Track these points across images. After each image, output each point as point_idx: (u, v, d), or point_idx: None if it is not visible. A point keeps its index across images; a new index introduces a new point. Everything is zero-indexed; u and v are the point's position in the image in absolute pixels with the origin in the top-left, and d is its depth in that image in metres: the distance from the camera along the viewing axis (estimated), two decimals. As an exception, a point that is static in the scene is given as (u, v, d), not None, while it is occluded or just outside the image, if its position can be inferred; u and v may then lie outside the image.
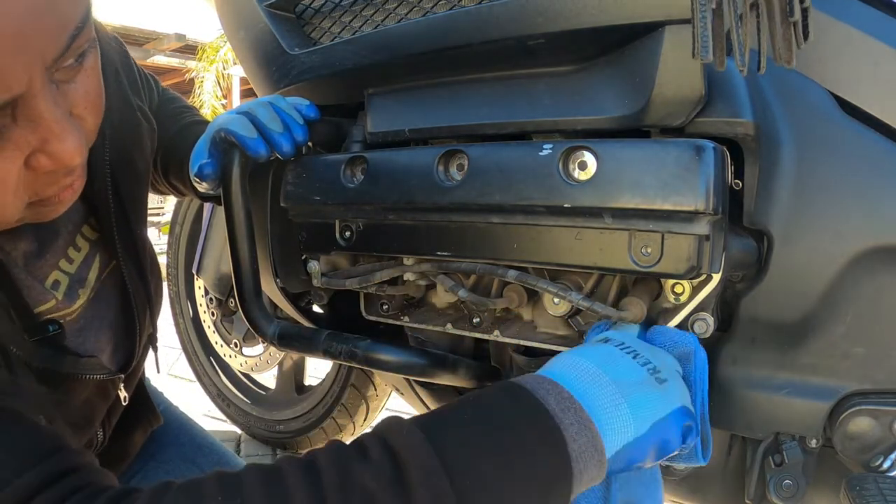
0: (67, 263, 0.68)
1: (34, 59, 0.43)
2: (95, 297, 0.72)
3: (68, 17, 0.44)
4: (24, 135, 0.45)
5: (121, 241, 0.73)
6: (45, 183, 0.51)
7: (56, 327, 0.64)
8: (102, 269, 0.73)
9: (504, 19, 0.62)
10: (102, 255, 0.73)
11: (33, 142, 0.46)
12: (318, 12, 0.84)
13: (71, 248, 0.69)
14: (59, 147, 0.47)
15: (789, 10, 0.44)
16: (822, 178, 0.62)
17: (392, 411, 1.94)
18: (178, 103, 0.95)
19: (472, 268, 0.67)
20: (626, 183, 0.56)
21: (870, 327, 0.62)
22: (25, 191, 0.49)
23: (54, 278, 0.66)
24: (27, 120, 0.45)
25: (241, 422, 1.79)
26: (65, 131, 0.47)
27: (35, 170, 0.48)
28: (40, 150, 0.47)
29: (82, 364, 0.68)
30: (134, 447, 0.89)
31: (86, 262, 0.71)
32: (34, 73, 0.43)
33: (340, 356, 0.74)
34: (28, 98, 0.44)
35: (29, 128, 0.45)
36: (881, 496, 0.56)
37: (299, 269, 0.87)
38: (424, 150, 0.71)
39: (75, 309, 0.69)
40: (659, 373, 0.54)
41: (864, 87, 0.62)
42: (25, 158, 0.47)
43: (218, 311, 1.73)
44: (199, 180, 0.73)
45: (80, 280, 0.69)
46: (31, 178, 0.49)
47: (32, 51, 0.42)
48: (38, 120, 0.45)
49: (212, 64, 11.17)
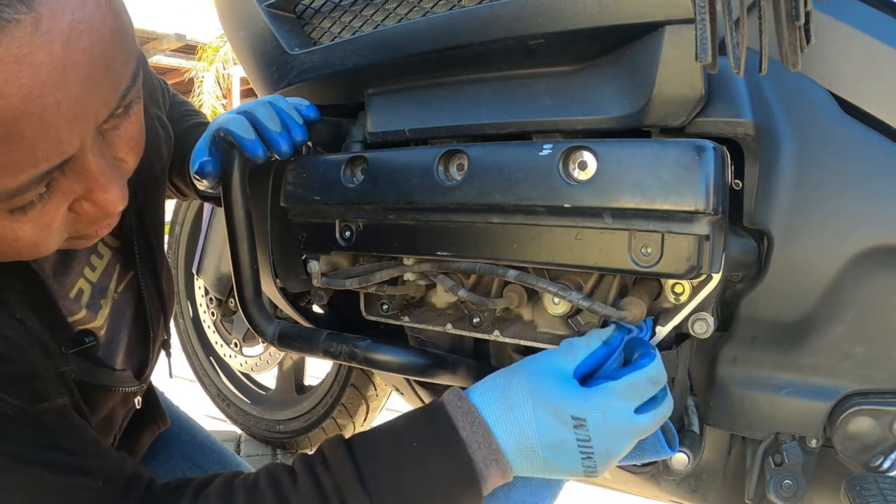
0: (91, 271, 0.68)
1: (89, 124, 0.43)
2: (114, 310, 0.72)
3: (121, 77, 0.45)
4: (71, 185, 0.46)
5: (140, 250, 0.73)
6: (85, 224, 0.52)
7: (92, 338, 0.64)
8: (121, 280, 0.73)
9: (504, 19, 0.62)
10: (122, 264, 0.73)
11: (79, 190, 0.47)
12: (318, 12, 0.84)
13: (94, 255, 0.69)
14: (103, 197, 0.48)
15: (794, 13, 0.44)
16: (822, 178, 0.62)
17: (392, 411, 1.95)
18: (185, 107, 0.96)
19: (472, 268, 0.67)
20: (626, 183, 0.56)
21: (870, 327, 0.62)
22: (66, 230, 0.50)
23: (79, 287, 0.66)
24: (75, 172, 0.46)
25: (241, 422, 1.79)
26: (109, 181, 0.47)
27: (79, 214, 0.49)
28: (85, 197, 0.48)
29: (117, 377, 0.68)
30: (141, 449, 0.89)
31: (107, 271, 0.71)
32: (87, 135, 0.44)
33: (340, 356, 0.74)
34: (79, 155, 0.45)
35: (77, 179, 0.46)
36: (881, 496, 0.56)
37: (299, 269, 0.87)
38: (424, 150, 0.71)
39: (101, 322, 0.69)
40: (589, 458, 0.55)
41: (864, 87, 0.62)
42: (70, 204, 0.48)
43: (218, 311, 1.73)
44: (200, 178, 0.73)
45: (102, 290, 0.70)
46: (73, 219, 0.50)
47: (88, 117, 0.43)
48: (85, 173, 0.46)
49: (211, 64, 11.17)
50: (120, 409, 0.74)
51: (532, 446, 0.54)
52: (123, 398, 0.73)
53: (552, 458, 0.54)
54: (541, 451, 0.54)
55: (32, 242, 0.47)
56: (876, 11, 0.62)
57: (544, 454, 0.54)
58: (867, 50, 0.61)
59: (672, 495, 0.83)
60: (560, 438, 0.53)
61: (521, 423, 0.54)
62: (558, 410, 0.54)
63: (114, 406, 0.71)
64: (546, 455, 0.54)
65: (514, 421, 0.54)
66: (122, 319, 0.74)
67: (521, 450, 0.54)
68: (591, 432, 0.53)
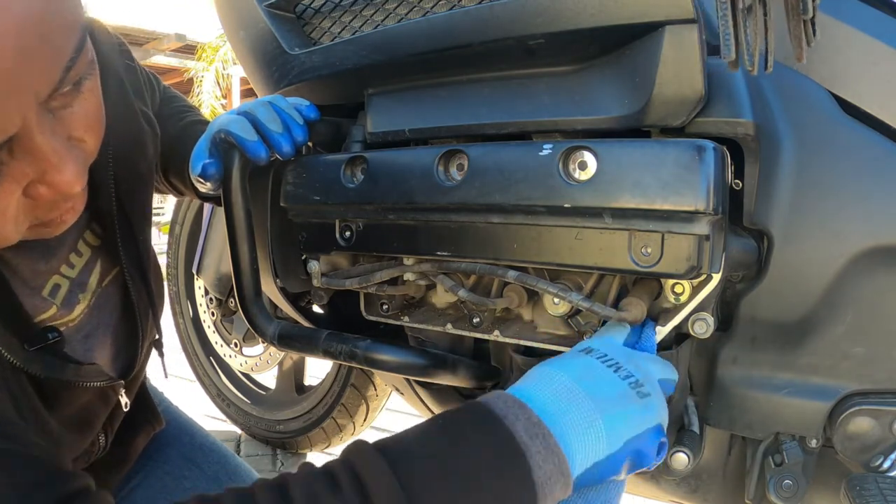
0: (69, 268, 0.68)
1: (27, 98, 0.41)
2: (97, 304, 0.71)
3: (61, 50, 0.42)
4: (22, 167, 0.44)
5: (124, 247, 0.72)
6: (45, 209, 0.50)
7: (56, 335, 0.63)
8: (104, 276, 0.72)
9: (504, 19, 0.62)
10: (104, 261, 0.72)
11: (31, 173, 0.45)
12: (318, 12, 0.84)
13: (73, 253, 0.68)
14: (57, 178, 0.46)
15: (802, 6, 0.44)
16: (821, 178, 0.62)
17: (392, 411, 1.95)
18: (179, 102, 0.95)
19: (472, 268, 0.67)
20: (626, 183, 0.56)
21: (870, 327, 0.62)
22: (26, 217, 0.48)
23: (54, 282, 0.65)
24: (24, 153, 0.43)
25: (241, 422, 1.79)
26: (62, 161, 0.45)
27: (35, 199, 0.47)
28: (39, 180, 0.46)
29: (83, 371, 0.67)
30: (136, 451, 0.88)
31: (87, 268, 0.70)
32: (28, 110, 0.41)
33: (340, 356, 0.74)
34: (23, 134, 0.42)
35: (26, 160, 0.44)
36: (881, 496, 0.56)
37: (299, 269, 0.87)
38: (424, 150, 0.71)
39: (76, 316, 0.68)
40: (641, 386, 0.53)
41: (864, 87, 0.62)
42: (24, 188, 0.46)
43: (218, 311, 1.73)
44: (203, 181, 0.73)
45: (81, 284, 0.69)
46: (30, 205, 0.48)
47: (25, 91, 0.40)
48: (35, 153, 0.44)
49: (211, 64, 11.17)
50: (99, 407, 0.73)
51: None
52: (100, 396, 0.72)
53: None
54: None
55: None
56: (876, 11, 0.62)
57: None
58: (867, 50, 0.61)
59: (672, 495, 0.83)
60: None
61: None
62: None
63: (88, 402, 0.70)
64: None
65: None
66: (105, 314, 0.73)
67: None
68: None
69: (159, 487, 0.90)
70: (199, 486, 0.91)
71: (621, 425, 0.50)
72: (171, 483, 0.91)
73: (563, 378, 0.52)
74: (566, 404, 0.50)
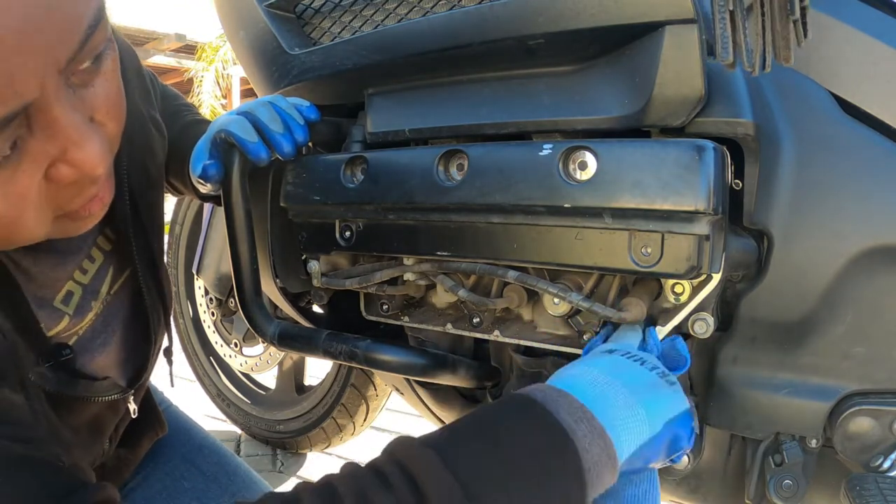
0: (82, 274, 0.67)
1: (44, 60, 0.39)
2: (105, 311, 0.71)
3: (78, 13, 0.41)
4: (42, 145, 0.42)
5: (139, 253, 0.71)
6: (69, 195, 0.48)
7: (68, 351, 0.62)
8: (114, 282, 0.72)
9: (504, 19, 0.62)
10: (116, 267, 0.72)
11: (52, 152, 0.43)
12: (318, 12, 0.84)
13: (86, 259, 0.67)
14: (79, 155, 0.44)
15: (790, 7, 0.44)
16: (821, 178, 0.62)
17: (392, 411, 1.95)
18: (177, 101, 0.95)
19: (472, 268, 0.67)
20: (626, 183, 0.56)
21: (870, 327, 0.62)
22: (49, 205, 0.47)
23: (68, 289, 0.64)
24: (44, 129, 0.42)
25: (241, 422, 1.79)
26: (84, 138, 0.43)
27: (57, 181, 0.45)
28: (60, 159, 0.44)
29: (96, 387, 0.66)
30: (139, 456, 0.88)
31: (99, 274, 0.69)
32: (46, 76, 0.40)
33: (340, 356, 0.74)
34: (42, 104, 0.41)
35: (46, 137, 0.42)
36: (881, 496, 0.56)
37: (299, 269, 0.87)
38: (424, 150, 0.71)
39: (86, 323, 0.67)
40: (668, 376, 0.55)
41: (864, 87, 0.62)
42: (45, 170, 0.44)
43: (218, 311, 1.73)
44: (203, 182, 0.73)
45: (94, 292, 0.68)
46: (53, 190, 0.46)
47: (41, 51, 0.39)
48: (55, 127, 0.42)
49: (211, 64, 11.17)
50: (109, 416, 0.73)
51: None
52: (110, 406, 0.71)
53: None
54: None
55: (8, 219, 0.43)
56: (876, 11, 0.62)
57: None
58: (867, 50, 0.61)
59: (672, 495, 0.83)
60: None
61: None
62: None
63: (98, 413, 0.70)
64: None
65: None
66: (114, 321, 0.72)
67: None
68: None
69: (159, 488, 0.90)
70: (198, 487, 0.91)
71: (659, 408, 0.52)
72: (170, 484, 0.91)
73: (595, 371, 0.53)
74: (604, 390, 0.51)
